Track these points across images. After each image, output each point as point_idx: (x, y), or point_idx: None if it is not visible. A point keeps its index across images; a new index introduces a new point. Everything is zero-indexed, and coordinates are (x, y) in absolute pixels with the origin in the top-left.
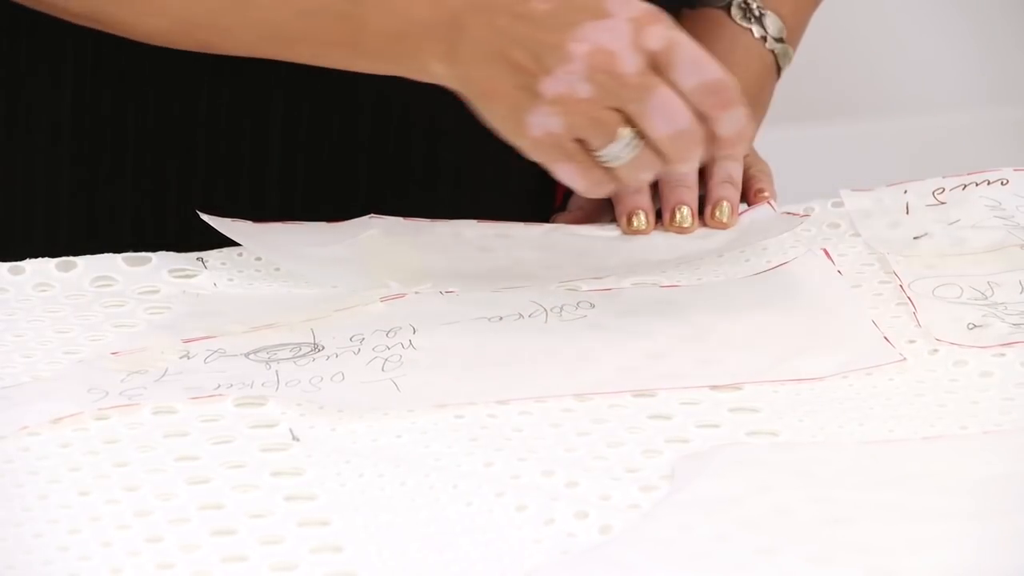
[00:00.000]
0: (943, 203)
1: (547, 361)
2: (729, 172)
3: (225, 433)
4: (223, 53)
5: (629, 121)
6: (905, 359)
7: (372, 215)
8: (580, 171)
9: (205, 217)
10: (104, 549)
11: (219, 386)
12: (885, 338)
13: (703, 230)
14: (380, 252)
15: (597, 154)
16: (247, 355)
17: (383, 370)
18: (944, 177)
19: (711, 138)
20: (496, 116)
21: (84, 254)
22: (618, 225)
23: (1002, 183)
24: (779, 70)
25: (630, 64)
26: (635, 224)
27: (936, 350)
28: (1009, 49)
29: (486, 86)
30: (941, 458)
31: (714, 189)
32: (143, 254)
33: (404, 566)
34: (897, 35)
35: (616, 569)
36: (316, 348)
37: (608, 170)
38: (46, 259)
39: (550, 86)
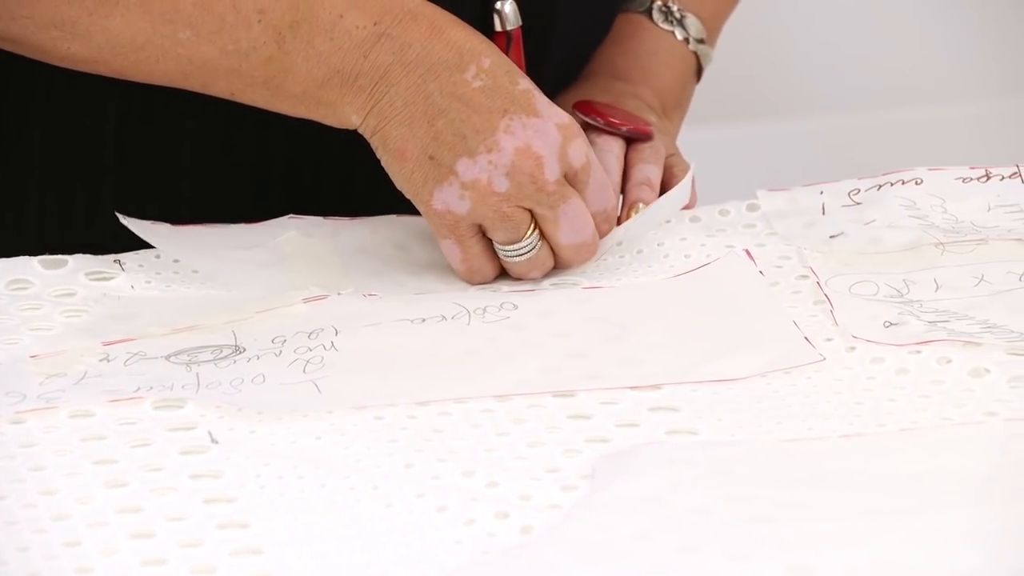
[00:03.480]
0: (858, 203)
1: (467, 362)
2: (647, 175)
3: (143, 436)
4: (138, 81)
5: (535, 221)
6: (824, 359)
7: (291, 215)
8: (463, 256)
9: (123, 219)
10: (20, 554)
11: (139, 388)
12: (806, 338)
13: None
14: (299, 255)
15: (500, 247)
16: (167, 357)
17: (304, 371)
18: (859, 178)
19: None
20: (401, 176)
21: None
22: None
23: (916, 183)
24: (700, 71)
25: (552, 172)
26: None
27: (853, 348)
28: (1012, 40)
29: (400, 146)
30: (859, 456)
31: (631, 191)
32: (59, 257)
33: (324, 568)
34: (897, 26)
35: (537, 569)
36: (237, 350)
37: (492, 260)
38: None
39: (468, 169)
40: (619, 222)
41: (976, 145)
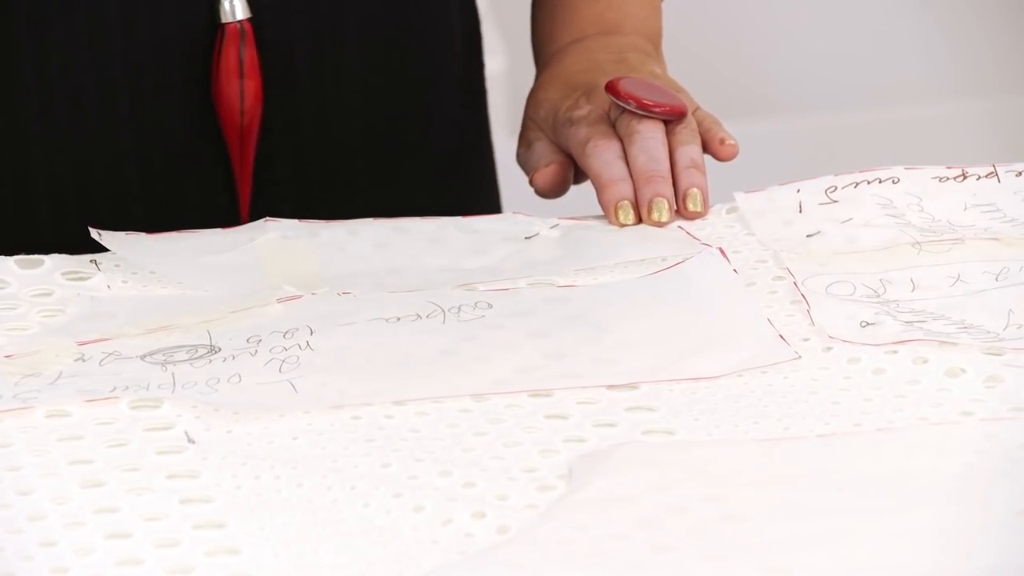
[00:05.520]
0: (835, 201)
1: (444, 361)
2: (691, 156)
3: (120, 436)
4: None
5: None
6: (800, 357)
7: (267, 218)
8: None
9: (95, 233)
10: None
11: (114, 388)
12: (780, 336)
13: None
14: (276, 256)
15: None
16: (143, 357)
17: (280, 371)
18: (836, 175)
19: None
20: None
21: None
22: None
23: (893, 181)
24: None
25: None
26: (622, 218)
27: (830, 348)
28: (988, 41)
29: None
30: (835, 456)
31: (681, 177)
32: (36, 256)
33: (301, 568)
34: (874, 27)
35: (514, 569)
36: (213, 350)
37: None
38: None
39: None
40: (677, 210)
41: (953, 145)
